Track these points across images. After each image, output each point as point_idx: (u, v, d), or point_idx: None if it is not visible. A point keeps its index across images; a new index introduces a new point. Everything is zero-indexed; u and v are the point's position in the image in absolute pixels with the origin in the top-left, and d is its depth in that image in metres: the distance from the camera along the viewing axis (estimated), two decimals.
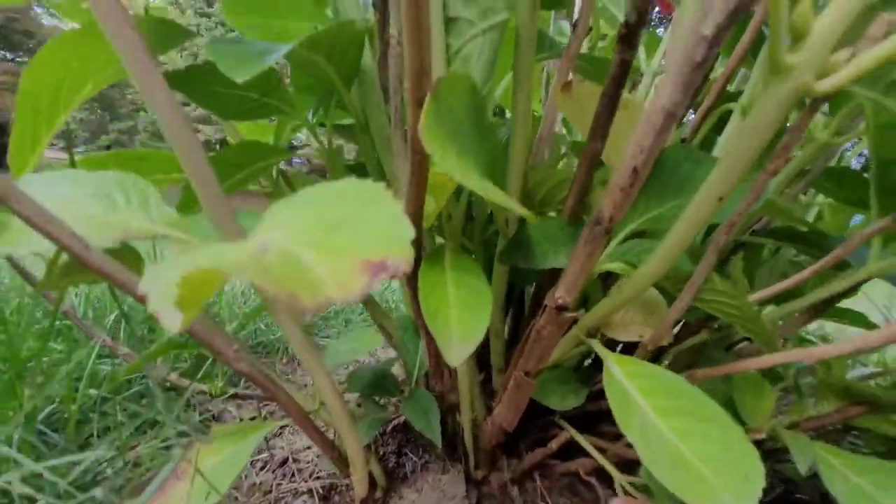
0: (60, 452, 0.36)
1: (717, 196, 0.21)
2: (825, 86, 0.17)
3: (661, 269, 0.26)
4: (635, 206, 0.34)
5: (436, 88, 0.17)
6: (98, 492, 0.27)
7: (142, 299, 0.18)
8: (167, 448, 0.40)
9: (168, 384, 0.54)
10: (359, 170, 0.45)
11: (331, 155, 0.44)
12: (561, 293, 0.25)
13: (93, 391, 0.46)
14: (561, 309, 0.25)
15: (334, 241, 0.14)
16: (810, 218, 0.54)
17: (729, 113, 0.39)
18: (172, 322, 0.12)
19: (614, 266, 0.31)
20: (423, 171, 0.22)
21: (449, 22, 0.27)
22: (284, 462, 0.51)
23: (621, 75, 0.25)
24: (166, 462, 0.38)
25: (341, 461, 0.35)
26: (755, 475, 0.21)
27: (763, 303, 0.34)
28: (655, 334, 0.33)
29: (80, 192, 0.25)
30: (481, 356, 0.43)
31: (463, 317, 0.24)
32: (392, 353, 0.85)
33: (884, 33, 0.17)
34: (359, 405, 0.43)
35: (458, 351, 0.23)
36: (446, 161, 0.17)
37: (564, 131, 0.58)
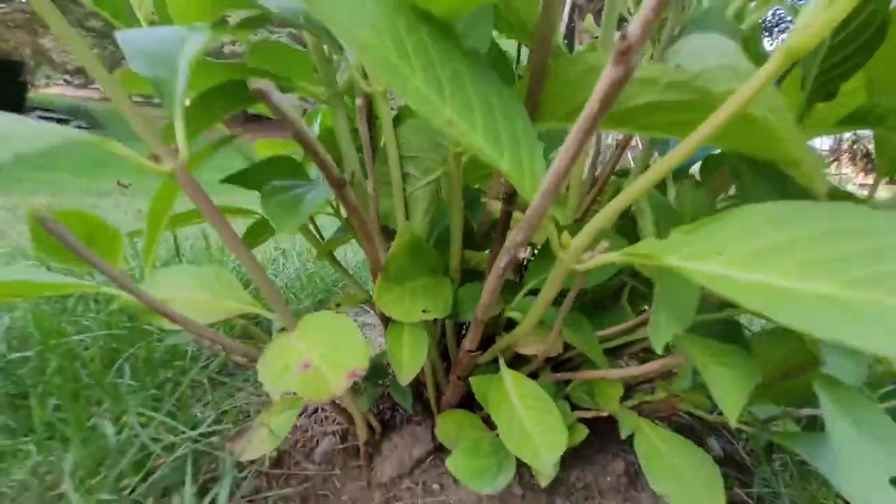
0: (181, 412, 0.58)
1: (546, 302, 0.39)
2: (581, 268, 0.34)
3: (536, 319, 0.44)
4: (536, 269, 0.51)
5: (385, 267, 0.34)
6: (215, 439, 0.49)
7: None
8: (247, 404, 0.63)
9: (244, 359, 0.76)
10: None
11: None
12: (467, 344, 0.43)
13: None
14: (470, 352, 0.44)
15: (336, 357, 0.33)
16: None
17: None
18: (275, 395, 0.32)
19: (514, 314, 0.50)
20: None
21: (404, 176, 0.43)
22: (316, 410, 0.74)
23: (506, 221, 0.42)
24: (249, 418, 0.60)
25: (350, 419, 0.56)
26: (560, 445, 0.41)
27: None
28: (543, 351, 0.52)
29: (193, 281, 0.45)
30: (446, 350, 0.63)
31: (410, 355, 0.43)
32: None
33: (605, 249, 0.33)
34: (364, 380, 0.64)
35: (406, 376, 0.42)
36: (400, 315, 0.35)
37: None
